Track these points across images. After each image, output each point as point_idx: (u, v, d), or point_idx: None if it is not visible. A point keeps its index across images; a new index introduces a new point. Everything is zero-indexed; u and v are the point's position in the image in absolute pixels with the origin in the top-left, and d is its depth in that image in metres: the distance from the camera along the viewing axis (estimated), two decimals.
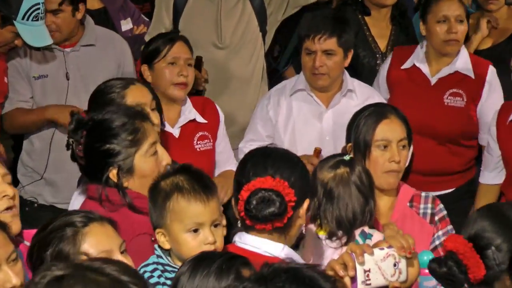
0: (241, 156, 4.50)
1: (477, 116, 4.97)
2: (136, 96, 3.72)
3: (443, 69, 4.97)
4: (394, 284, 2.53)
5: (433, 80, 4.98)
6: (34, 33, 4.68)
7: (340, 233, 3.73)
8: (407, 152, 3.99)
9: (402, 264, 2.53)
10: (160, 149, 3.55)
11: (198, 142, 4.59)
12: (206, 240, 3.09)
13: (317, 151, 4.57)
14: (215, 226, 3.12)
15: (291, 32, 5.31)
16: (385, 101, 4.76)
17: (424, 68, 5.00)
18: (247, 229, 3.09)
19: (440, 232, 3.99)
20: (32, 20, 4.63)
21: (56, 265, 2.08)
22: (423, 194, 4.08)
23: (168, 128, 4.45)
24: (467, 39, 5.34)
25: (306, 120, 4.68)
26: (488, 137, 4.82)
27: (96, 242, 2.77)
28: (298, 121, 4.70)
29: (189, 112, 4.56)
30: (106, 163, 3.40)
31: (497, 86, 4.99)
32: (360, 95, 4.68)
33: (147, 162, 3.49)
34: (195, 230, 3.10)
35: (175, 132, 4.49)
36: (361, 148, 3.99)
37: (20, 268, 2.69)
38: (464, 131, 4.97)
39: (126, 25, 5.61)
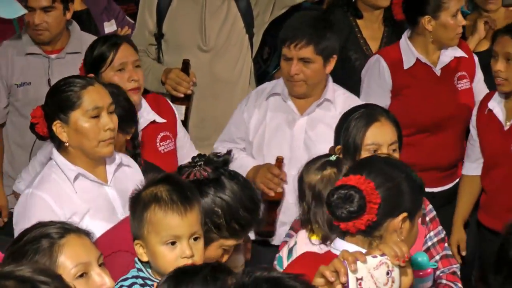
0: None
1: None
2: (93, 98, 3.65)
3: (441, 58, 5.07)
4: None
5: (438, 71, 5.07)
6: (6, 5, 4.75)
7: (333, 236, 3.67)
8: (398, 155, 3.94)
9: (395, 272, 2.51)
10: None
11: (161, 144, 4.53)
12: (183, 253, 3.05)
13: (279, 160, 4.53)
14: (195, 239, 3.08)
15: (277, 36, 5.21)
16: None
17: (427, 61, 5.06)
18: (341, 234, 3.05)
19: (431, 233, 3.98)
20: None
21: None
22: None
23: None
24: (464, 39, 5.46)
25: (278, 125, 4.64)
26: (471, 127, 4.94)
27: (73, 254, 2.75)
28: (270, 125, 4.65)
29: (148, 114, 4.50)
30: None
31: (477, 60, 5.19)
32: (340, 106, 4.57)
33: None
34: (173, 243, 3.08)
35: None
36: (350, 152, 3.94)
37: None
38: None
39: (110, 27, 5.64)
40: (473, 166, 4.99)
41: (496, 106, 4.84)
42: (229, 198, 3.30)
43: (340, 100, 4.61)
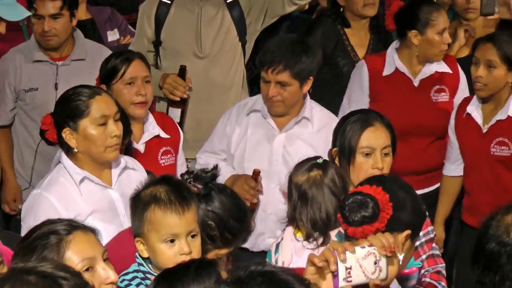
0: (197, 167, 4.69)
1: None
2: (100, 107, 3.67)
3: (423, 70, 5.08)
4: (375, 281, 2.50)
5: (416, 82, 5.07)
6: (10, 9, 4.76)
7: (316, 234, 3.76)
8: (390, 159, 3.98)
9: (383, 262, 2.49)
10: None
11: (162, 157, 4.53)
12: (182, 250, 3.06)
13: (256, 173, 4.53)
14: (192, 236, 3.11)
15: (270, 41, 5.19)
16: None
17: (406, 72, 5.08)
18: (346, 238, 3.03)
19: (420, 234, 3.76)
20: None
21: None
22: None
23: (133, 144, 4.44)
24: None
25: (258, 140, 4.64)
26: (449, 130, 4.94)
27: (80, 250, 2.75)
28: (251, 140, 4.65)
29: (153, 128, 4.51)
30: None
31: (464, 77, 5.14)
32: (317, 123, 4.59)
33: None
34: (172, 241, 3.09)
35: (140, 147, 4.45)
36: (346, 154, 3.97)
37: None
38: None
39: (113, 35, 5.69)
40: (452, 167, 4.99)
41: (474, 110, 4.84)
42: (220, 210, 3.32)
43: (317, 117, 4.61)
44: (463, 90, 5.12)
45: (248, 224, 3.47)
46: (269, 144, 4.62)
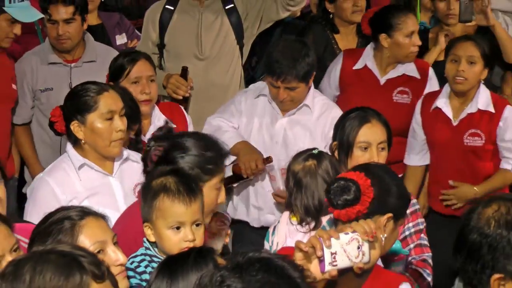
0: (206, 126, 4.76)
1: None
2: (107, 102, 3.69)
3: (391, 71, 5.08)
4: (358, 264, 2.51)
5: (382, 80, 5.08)
6: (24, 11, 4.76)
7: (309, 219, 3.78)
8: (385, 153, 3.99)
9: (365, 247, 2.50)
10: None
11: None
12: (186, 237, 3.08)
13: (268, 160, 4.56)
14: (197, 225, 3.12)
15: (266, 45, 5.28)
16: (339, 112, 4.68)
17: (375, 70, 5.08)
18: (335, 224, 3.08)
19: (410, 224, 3.97)
20: (18, 1, 4.74)
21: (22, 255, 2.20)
22: None
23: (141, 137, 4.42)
24: (427, 51, 5.47)
25: (262, 121, 4.68)
26: (414, 124, 4.93)
27: (92, 234, 2.77)
28: (256, 121, 4.68)
29: (158, 120, 4.49)
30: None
31: (436, 83, 5.11)
32: (317, 110, 4.62)
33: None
34: (177, 228, 3.10)
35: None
36: (344, 148, 3.99)
37: None
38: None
39: (121, 39, 5.64)
40: (417, 158, 4.99)
41: (444, 105, 4.84)
42: (193, 150, 3.34)
43: (318, 106, 4.64)
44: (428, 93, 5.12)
45: (222, 147, 3.48)
46: (271, 126, 4.67)
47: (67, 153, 3.78)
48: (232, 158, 4.52)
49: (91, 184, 3.64)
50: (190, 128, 4.68)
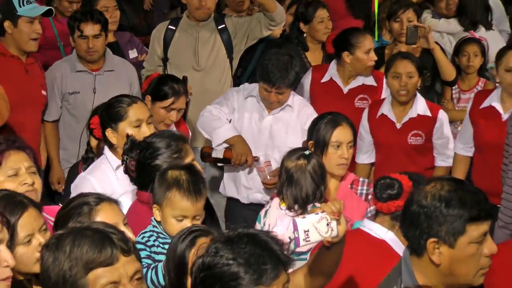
0: (207, 114, 4.68)
1: None
2: (136, 112, 3.66)
3: (352, 82, 5.07)
4: (327, 238, 2.46)
5: (345, 90, 5.08)
6: (34, 9, 4.72)
7: (296, 207, 3.82)
8: (352, 150, 4.06)
9: (333, 224, 2.44)
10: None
11: None
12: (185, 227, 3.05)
13: (255, 159, 4.55)
14: (197, 219, 3.13)
15: (250, 58, 5.32)
16: (312, 109, 4.74)
17: (339, 81, 5.08)
18: (374, 216, 3.17)
19: (371, 208, 3.93)
20: (26, 4, 4.71)
21: (62, 229, 2.20)
22: (361, 179, 4.16)
23: None
24: (383, 64, 5.34)
25: (251, 118, 4.67)
26: (361, 129, 4.90)
27: (106, 216, 2.74)
28: (246, 117, 4.67)
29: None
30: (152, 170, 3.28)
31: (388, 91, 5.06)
32: (296, 108, 4.65)
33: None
34: (181, 219, 3.11)
35: None
36: (320, 146, 4.03)
37: (49, 235, 2.58)
38: None
39: (133, 54, 5.66)
40: (365, 157, 4.92)
41: (388, 112, 4.82)
42: (162, 147, 3.31)
43: (297, 104, 4.67)
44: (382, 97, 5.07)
45: (178, 134, 3.45)
46: (259, 122, 4.67)
47: (104, 156, 3.72)
48: (224, 145, 4.57)
49: (126, 181, 3.49)
50: (190, 134, 4.67)
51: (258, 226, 3.92)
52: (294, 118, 4.63)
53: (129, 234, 2.72)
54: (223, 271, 2.15)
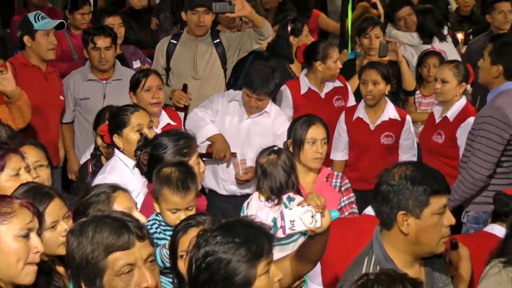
0: (193, 115, 4.69)
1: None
2: (137, 119, 3.69)
3: (325, 87, 5.14)
4: (311, 228, 2.43)
5: (323, 95, 5.14)
6: (48, 23, 4.78)
7: (273, 197, 3.84)
8: (326, 147, 4.10)
9: (317, 216, 2.42)
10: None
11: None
12: (180, 218, 3.09)
13: (233, 155, 4.57)
14: (190, 209, 3.15)
15: (241, 68, 5.27)
16: (285, 118, 4.78)
17: (315, 89, 5.13)
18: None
19: (344, 198, 4.04)
20: (41, 19, 4.79)
21: (84, 218, 2.20)
22: (335, 173, 4.18)
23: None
24: (354, 73, 5.41)
25: (232, 120, 4.68)
26: (339, 130, 4.95)
27: (121, 203, 2.78)
28: (228, 119, 4.67)
29: (166, 119, 4.52)
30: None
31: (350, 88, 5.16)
32: (272, 115, 4.67)
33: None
34: (174, 212, 3.14)
35: (158, 131, 4.21)
36: (297, 143, 4.06)
37: (71, 222, 2.65)
38: None
39: (137, 64, 5.64)
40: (341, 154, 4.94)
41: (362, 115, 4.87)
42: (170, 144, 3.32)
43: (273, 112, 4.69)
44: (350, 96, 5.19)
45: (188, 134, 3.47)
46: (239, 123, 4.67)
47: (117, 158, 3.70)
48: (207, 142, 4.58)
49: (141, 178, 3.49)
50: (183, 127, 4.69)
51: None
52: (270, 124, 4.65)
53: (141, 218, 2.73)
54: (226, 253, 2.12)
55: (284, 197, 3.83)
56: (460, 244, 2.80)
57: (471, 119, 4.43)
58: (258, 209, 3.86)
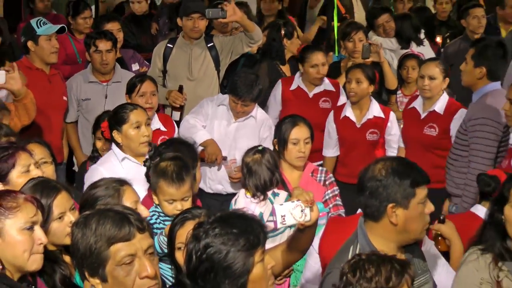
0: (185, 123, 4.66)
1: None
2: (136, 116, 3.72)
3: (315, 89, 5.15)
4: (301, 222, 2.45)
5: (311, 95, 5.14)
6: (49, 29, 4.79)
7: (258, 193, 3.85)
8: (310, 146, 4.08)
9: (306, 210, 2.44)
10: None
11: (160, 142, 4.21)
12: (176, 208, 3.15)
13: (223, 158, 4.55)
14: (185, 200, 3.18)
15: (234, 70, 5.28)
16: (271, 122, 4.72)
17: (305, 88, 5.15)
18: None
19: (329, 191, 4.05)
20: (43, 25, 4.79)
21: (88, 210, 2.20)
22: (320, 168, 4.19)
23: None
24: (340, 74, 5.43)
25: (220, 123, 4.66)
26: (329, 128, 4.99)
27: (129, 197, 2.83)
28: (216, 122, 4.65)
29: (156, 124, 4.43)
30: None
31: (345, 96, 5.13)
32: (258, 119, 4.63)
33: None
34: (171, 202, 3.17)
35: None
36: (281, 143, 4.07)
37: (77, 214, 2.66)
38: None
39: (135, 67, 5.66)
40: (332, 151, 4.97)
41: (349, 114, 4.89)
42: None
43: (259, 116, 4.65)
44: (341, 102, 5.13)
45: (193, 145, 3.52)
46: (227, 127, 4.65)
47: (112, 151, 3.76)
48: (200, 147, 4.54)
49: (130, 172, 3.52)
50: (175, 133, 4.62)
51: None
52: (255, 127, 4.63)
53: (145, 211, 2.85)
54: (225, 243, 2.12)
55: (269, 193, 3.84)
56: (446, 220, 2.89)
57: (462, 111, 4.48)
58: (245, 205, 3.85)
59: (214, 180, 4.69)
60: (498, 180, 3.16)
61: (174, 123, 4.73)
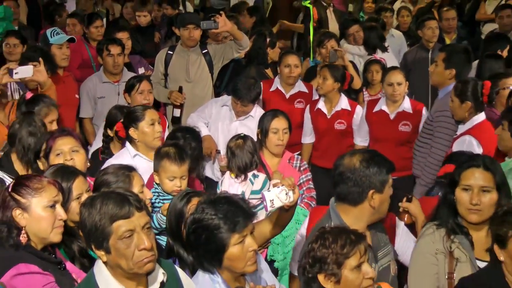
0: (190, 120, 4.66)
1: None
2: (150, 115, 3.68)
3: (292, 90, 5.09)
4: (286, 203, 2.44)
5: (288, 96, 5.09)
6: (60, 38, 4.82)
7: (240, 174, 3.84)
8: (288, 136, 4.05)
9: (290, 193, 2.44)
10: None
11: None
12: (175, 185, 3.17)
13: (217, 151, 4.50)
14: (183, 178, 3.19)
15: (225, 73, 5.27)
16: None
17: (282, 90, 5.09)
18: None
19: (303, 176, 4.03)
20: (56, 35, 4.83)
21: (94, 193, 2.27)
22: (295, 155, 4.17)
23: None
24: (315, 77, 5.30)
25: (223, 122, 4.64)
26: (305, 119, 4.92)
27: (137, 182, 2.85)
28: (219, 121, 4.64)
29: None
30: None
31: (316, 95, 5.08)
32: (257, 118, 4.46)
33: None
34: (172, 179, 3.18)
35: None
36: (263, 133, 4.05)
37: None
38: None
39: (141, 70, 5.60)
40: (308, 138, 4.96)
41: (322, 106, 4.89)
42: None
43: (257, 115, 4.50)
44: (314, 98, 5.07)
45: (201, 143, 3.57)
46: (229, 125, 4.63)
47: (126, 148, 3.69)
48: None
49: (142, 167, 3.33)
50: (167, 124, 4.63)
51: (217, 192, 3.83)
52: (254, 125, 4.50)
53: (149, 193, 2.93)
54: (208, 223, 2.21)
55: (250, 174, 3.83)
56: (414, 198, 2.92)
57: (425, 109, 4.62)
58: (229, 185, 3.85)
59: (219, 171, 4.62)
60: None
61: (165, 118, 4.75)
